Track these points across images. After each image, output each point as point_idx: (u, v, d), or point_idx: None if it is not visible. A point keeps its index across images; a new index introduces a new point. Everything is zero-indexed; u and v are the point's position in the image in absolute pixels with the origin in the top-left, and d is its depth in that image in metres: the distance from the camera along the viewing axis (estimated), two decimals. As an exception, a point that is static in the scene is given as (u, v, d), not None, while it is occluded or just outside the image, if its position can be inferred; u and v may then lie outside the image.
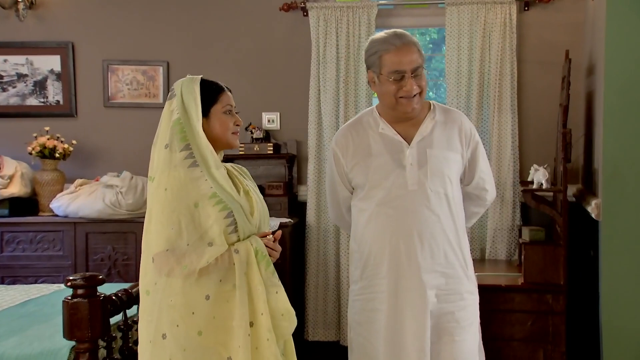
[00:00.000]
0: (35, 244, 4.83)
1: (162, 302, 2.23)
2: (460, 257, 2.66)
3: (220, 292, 2.24)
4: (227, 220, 2.27)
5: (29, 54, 5.36)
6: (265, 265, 2.32)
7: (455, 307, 2.64)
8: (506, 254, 4.78)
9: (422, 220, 2.58)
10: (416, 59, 2.59)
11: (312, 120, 5.04)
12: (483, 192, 2.81)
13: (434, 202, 2.58)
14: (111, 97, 5.36)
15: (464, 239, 2.70)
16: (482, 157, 2.76)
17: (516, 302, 3.93)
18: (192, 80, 2.39)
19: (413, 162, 2.60)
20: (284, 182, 5.04)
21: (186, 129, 2.29)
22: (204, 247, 2.22)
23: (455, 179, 2.65)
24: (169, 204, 2.23)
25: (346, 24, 4.96)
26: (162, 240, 2.22)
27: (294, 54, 5.19)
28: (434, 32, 6.29)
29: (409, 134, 2.65)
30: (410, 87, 2.59)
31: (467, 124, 2.72)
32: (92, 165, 5.35)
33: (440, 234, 2.60)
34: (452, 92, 4.88)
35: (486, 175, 2.79)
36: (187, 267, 2.21)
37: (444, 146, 2.63)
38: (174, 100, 2.35)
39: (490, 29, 4.81)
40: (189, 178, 2.25)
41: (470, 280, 2.71)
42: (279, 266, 4.64)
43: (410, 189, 2.58)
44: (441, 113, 2.71)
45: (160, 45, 5.31)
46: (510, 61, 4.78)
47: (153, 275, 2.26)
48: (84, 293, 2.53)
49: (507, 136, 4.77)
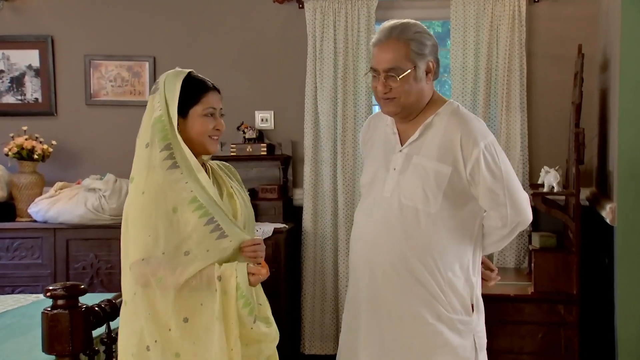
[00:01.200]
0: (12, 252, 4.82)
1: (141, 315, 2.23)
2: (431, 281, 2.47)
3: (200, 318, 2.22)
4: (210, 226, 2.25)
5: (6, 48, 5.36)
6: (243, 305, 2.25)
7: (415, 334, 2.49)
8: (515, 261, 4.79)
9: (388, 233, 2.49)
10: (392, 59, 2.44)
11: (309, 120, 5.04)
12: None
13: (403, 215, 2.47)
14: (93, 94, 5.36)
15: (446, 265, 2.47)
16: (489, 180, 2.44)
17: (526, 313, 3.94)
18: (176, 74, 2.36)
19: (397, 166, 2.53)
20: (279, 185, 5.04)
21: (167, 128, 2.29)
22: (179, 258, 2.21)
23: (437, 194, 2.45)
24: (146, 209, 2.22)
25: (344, 16, 4.96)
26: (139, 248, 2.22)
27: (288, 48, 5.19)
28: (438, 26, 6.30)
29: (408, 134, 2.56)
30: (378, 89, 2.49)
31: (473, 134, 2.44)
32: (73, 167, 5.34)
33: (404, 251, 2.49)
34: (457, 90, 4.89)
35: (496, 204, 2.48)
36: (162, 280, 2.20)
37: (432, 155, 2.47)
38: (157, 95, 2.33)
39: (498, 22, 4.81)
40: (167, 181, 2.24)
41: (450, 309, 2.49)
42: (273, 274, 4.66)
43: (385, 195, 2.52)
44: (446, 116, 2.52)
45: (146, 40, 5.31)
46: (519, 56, 4.79)
47: (131, 285, 2.26)
48: (65, 304, 2.52)
49: (516, 136, 4.78)
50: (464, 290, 2.50)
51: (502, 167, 2.46)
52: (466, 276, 2.51)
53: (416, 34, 2.47)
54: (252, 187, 5.10)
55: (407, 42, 2.45)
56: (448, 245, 2.47)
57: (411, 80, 2.45)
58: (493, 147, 2.46)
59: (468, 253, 2.52)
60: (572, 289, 3.88)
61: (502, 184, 2.45)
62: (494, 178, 2.44)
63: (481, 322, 2.58)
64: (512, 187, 2.49)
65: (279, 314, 4.75)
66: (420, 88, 2.49)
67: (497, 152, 2.47)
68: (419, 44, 2.47)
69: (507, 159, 2.53)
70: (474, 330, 2.52)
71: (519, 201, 2.50)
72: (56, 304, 2.52)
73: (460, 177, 2.45)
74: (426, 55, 2.48)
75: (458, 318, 2.48)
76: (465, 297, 2.50)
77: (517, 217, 2.51)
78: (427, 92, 2.53)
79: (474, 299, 2.54)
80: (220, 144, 5.06)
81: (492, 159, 2.44)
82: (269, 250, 4.52)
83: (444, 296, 2.46)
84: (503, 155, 2.50)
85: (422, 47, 2.47)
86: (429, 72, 2.50)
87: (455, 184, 2.45)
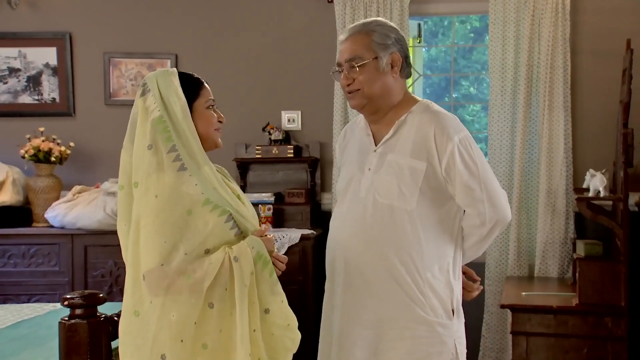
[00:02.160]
0: (29, 259, 4.87)
1: (161, 321, 2.23)
2: (410, 282, 2.50)
3: (224, 302, 2.26)
4: (229, 224, 2.30)
5: (22, 45, 5.43)
6: (269, 273, 2.33)
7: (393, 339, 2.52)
8: (558, 271, 4.75)
9: (364, 232, 2.54)
10: (353, 49, 2.55)
11: (338, 120, 5.04)
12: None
13: (378, 213, 2.52)
14: (113, 93, 5.40)
15: (425, 266, 2.51)
16: (465, 175, 2.50)
17: (570, 326, 3.90)
18: (167, 73, 2.39)
19: (372, 166, 2.59)
20: (306, 189, 5.04)
21: (170, 128, 2.31)
22: (202, 256, 2.24)
23: (413, 191, 2.50)
24: (160, 213, 2.24)
25: (376, 11, 4.95)
26: (155, 255, 2.22)
27: (317, 45, 5.19)
28: (476, 20, 6.26)
29: (382, 134, 2.63)
30: (342, 83, 2.60)
31: (447, 129, 2.51)
32: (91, 170, 5.39)
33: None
34: (496, 88, 4.86)
35: (471, 199, 2.54)
36: (191, 276, 2.21)
37: (406, 152, 2.53)
38: (149, 96, 2.36)
39: (540, 15, 4.77)
40: (179, 182, 2.26)
41: (430, 311, 2.51)
42: (299, 284, 4.66)
43: (360, 196, 2.58)
44: (419, 113, 2.58)
45: (167, 36, 5.34)
46: (563, 52, 4.75)
47: (144, 294, 2.26)
48: (83, 313, 2.54)
49: (559, 137, 4.73)
50: (444, 293, 2.55)
51: (477, 162, 2.53)
52: (446, 279, 2.56)
53: (378, 26, 2.59)
54: (278, 191, 5.12)
55: (369, 33, 2.56)
56: (426, 245, 2.52)
57: (372, 70, 2.54)
58: (467, 142, 2.54)
59: (448, 254, 2.58)
60: (620, 301, 3.84)
61: (479, 180, 2.52)
62: (470, 173, 2.51)
63: (461, 328, 2.62)
64: (489, 183, 2.55)
65: (306, 327, 4.72)
66: (385, 81, 2.56)
67: (472, 147, 2.55)
68: (381, 35, 2.57)
69: (483, 155, 2.60)
70: (455, 335, 2.56)
71: (496, 197, 2.57)
72: (74, 314, 2.54)
73: (436, 173, 2.52)
74: (389, 46, 2.57)
75: (438, 321, 2.53)
76: (445, 300, 2.55)
77: (495, 214, 2.56)
78: (395, 88, 2.61)
79: (455, 303, 2.58)
80: (244, 146, 5.15)
81: (468, 153, 2.52)
82: (295, 257, 4.60)
83: (424, 298, 2.51)
84: (478, 151, 2.57)
85: (384, 37, 2.57)
86: (394, 65, 2.58)
87: (431, 180, 2.52)
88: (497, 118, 4.86)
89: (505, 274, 4.83)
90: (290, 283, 4.53)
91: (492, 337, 4.84)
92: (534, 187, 4.84)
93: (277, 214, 4.92)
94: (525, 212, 4.84)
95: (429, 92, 6.02)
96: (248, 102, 5.27)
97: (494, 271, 4.86)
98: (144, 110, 2.36)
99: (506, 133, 4.86)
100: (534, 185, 4.84)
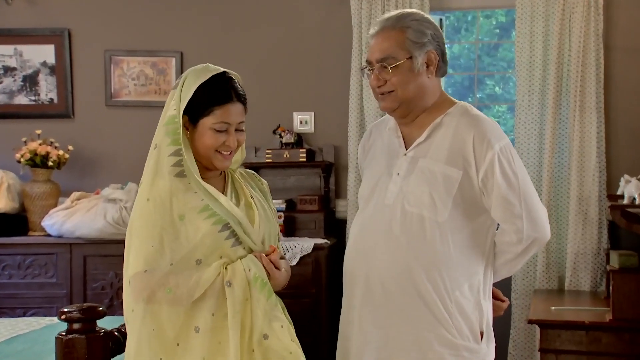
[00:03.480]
0: (24, 270, 4.89)
1: (142, 332, 2.25)
2: (437, 300, 2.47)
3: (212, 327, 2.25)
4: (223, 233, 2.29)
5: (18, 43, 5.46)
6: (267, 295, 2.31)
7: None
8: (590, 284, 4.73)
9: (389, 243, 2.49)
10: (385, 48, 2.50)
11: (353, 122, 5.04)
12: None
13: (406, 223, 2.47)
14: (114, 94, 5.43)
15: (453, 283, 2.47)
16: (504, 187, 2.45)
17: (603, 344, 3.88)
18: (200, 72, 2.35)
19: (401, 171, 2.54)
20: (319, 196, 5.04)
21: (180, 131, 2.31)
22: (191, 268, 2.24)
23: (446, 200, 2.45)
24: (150, 217, 2.26)
25: (394, 5, 4.95)
26: (141, 260, 2.24)
27: (331, 42, 5.20)
28: (502, 15, 6.25)
29: (413, 137, 2.58)
30: (372, 84, 2.57)
31: (487, 135, 2.46)
32: (91, 175, 5.41)
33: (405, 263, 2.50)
34: (523, 87, 4.85)
35: (509, 216, 2.49)
36: (173, 290, 2.22)
37: (440, 158, 2.49)
38: (175, 92, 2.35)
39: (571, 10, 4.76)
40: (175, 188, 2.27)
41: (457, 334, 2.48)
42: (312, 297, 4.66)
43: (386, 203, 2.53)
44: (457, 116, 2.54)
45: (172, 33, 5.37)
46: (596, 49, 4.73)
47: (129, 300, 2.29)
48: (81, 328, 2.54)
49: (592, 140, 4.72)
50: (472, 314, 2.50)
51: (518, 174, 2.48)
52: (476, 299, 2.52)
53: (414, 21, 2.52)
54: (289, 197, 5.12)
55: (403, 30, 2.50)
56: (456, 261, 2.47)
57: (406, 71, 2.50)
58: (509, 151, 2.49)
59: (479, 272, 2.53)
60: (657, 316, 3.82)
61: (518, 193, 2.47)
62: (509, 185, 2.46)
63: (491, 353, 2.57)
64: (530, 198, 2.51)
65: (319, 343, 4.75)
66: (420, 82, 2.52)
67: (514, 157, 2.50)
68: (417, 32, 2.50)
69: (524, 167, 2.55)
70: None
71: (536, 214, 2.52)
72: (71, 328, 2.55)
73: (472, 183, 2.47)
74: (425, 44, 2.51)
75: (465, 345, 2.48)
76: (474, 321, 2.51)
77: (534, 232, 2.52)
78: (431, 89, 2.56)
79: (484, 326, 2.54)
80: (254, 149, 5.16)
81: (508, 164, 2.47)
82: (308, 269, 4.60)
83: (451, 319, 2.47)
84: (520, 162, 2.52)
85: (420, 35, 2.50)
86: (430, 64, 2.53)
87: (466, 191, 2.47)
88: (524, 120, 4.85)
89: (534, 287, 4.81)
90: (302, 296, 4.57)
91: (519, 355, 4.82)
92: (564, 194, 4.82)
93: (289, 222, 4.92)
94: (555, 220, 4.81)
95: (451, 92, 6.01)
96: (258, 102, 5.26)
97: (521, 284, 4.84)
98: (167, 105, 2.36)
99: (534, 136, 4.84)
100: (564, 192, 4.82)
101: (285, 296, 2.48)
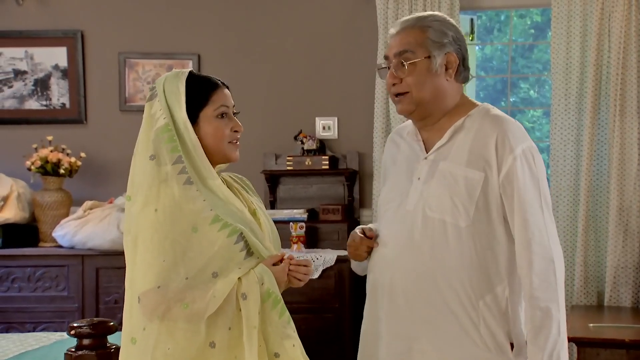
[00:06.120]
0: (35, 282, 4.91)
1: (156, 352, 2.25)
2: (461, 309, 2.47)
3: (229, 342, 2.27)
4: (239, 245, 2.30)
5: (29, 45, 5.50)
6: (279, 314, 2.33)
7: None
8: (632, 299, 4.70)
9: (412, 251, 2.50)
10: (404, 42, 2.54)
11: (379, 128, 5.03)
12: None
13: (428, 229, 2.49)
14: (129, 98, 5.45)
15: (476, 292, 2.47)
16: (525, 197, 2.45)
17: (646, 363, 3.84)
18: (176, 75, 2.41)
19: (421, 176, 2.56)
20: (343, 205, 5.03)
21: (176, 138, 2.33)
22: (207, 281, 2.24)
23: (468, 205, 2.46)
24: (160, 229, 2.25)
25: (422, 5, 4.95)
26: (152, 275, 2.24)
27: (355, 44, 5.20)
28: (537, 14, 6.23)
29: (434, 141, 2.60)
30: (387, 81, 2.58)
31: (510, 137, 2.48)
32: (104, 183, 5.43)
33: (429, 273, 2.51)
34: (559, 90, 4.82)
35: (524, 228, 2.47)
36: (190, 305, 2.22)
37: (461, 160, 2.50)
38: (156, 102, 2.39)
39: (610, 9, 4.74)
40: (185, 197, 2.28)
41: (483, 345, 2.48)
42: (335, 312, 4.65)
43: (407, 209, 2.54)
44: (479, 118, 2.56)
45: (189, 35, 5.38)
46: (637, 50, 4.71)
47: (140, 319, 2.28)
48: (91, 344, 2.55)
49: (633, 147, 4.69)
50: (499, 325, 2.49)
51: (540, 179, 2.50)
52: (503, 308, 2.51)
53: (435, 22, 2.57)
54: (311, 207, 5.11)
55: (424, 29, 2.55)
56: (480, 268, 2.48)
57: (424, 70, 2.51)
58: (531, 154, 2.51)
59: (504, 280, 2.52)
60: None
61: (540, 199, 2.49)
62: (527, 190, 2.48)
63: None
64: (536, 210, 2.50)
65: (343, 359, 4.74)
66: (438, 84, 2.53)
67: (535, 161, 2.51)
68: (438, 32, 2.54)
69: (545, 171, 2.56)
70: None
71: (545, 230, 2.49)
72: (81, 344, 2.56)
73: (493, 186, 2.48)
74: (445, 45, 2.54)
75: (492, 358, 2.48)
76: (501, 333, 2.49)
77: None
78: (450, 92, 2.58)
79: (513, 337, 2.52)
80: (274, 156, 5.16)
81: (529, 167, 2.49)
82: (330, 282, 4.59)
83: (478, 330, 2.47)
84: (541, 165, 2.54)
85: (440, 35, 2.54)
86: (449, 67, 2.54)
87: (488, 194, 2.48)
88: (561, 125, 4.83)
89: (571, 302, 4.78)
90: (325, 310, 4.55)
91: (556, 375, 4.78)
92: (603, 204, 4.79)
93: (311, 233, 4.92)
94: (594, 232, 4.78)
95: (482, 96, 5.99)
96: (278, 107, 5.28)
97: (557, 299, 4.80)
98: (149, 117, 2.39)
99: (571, 142, 4.81)
100: (604, 202, 4.79)
101: (306, 311, 2.48)
